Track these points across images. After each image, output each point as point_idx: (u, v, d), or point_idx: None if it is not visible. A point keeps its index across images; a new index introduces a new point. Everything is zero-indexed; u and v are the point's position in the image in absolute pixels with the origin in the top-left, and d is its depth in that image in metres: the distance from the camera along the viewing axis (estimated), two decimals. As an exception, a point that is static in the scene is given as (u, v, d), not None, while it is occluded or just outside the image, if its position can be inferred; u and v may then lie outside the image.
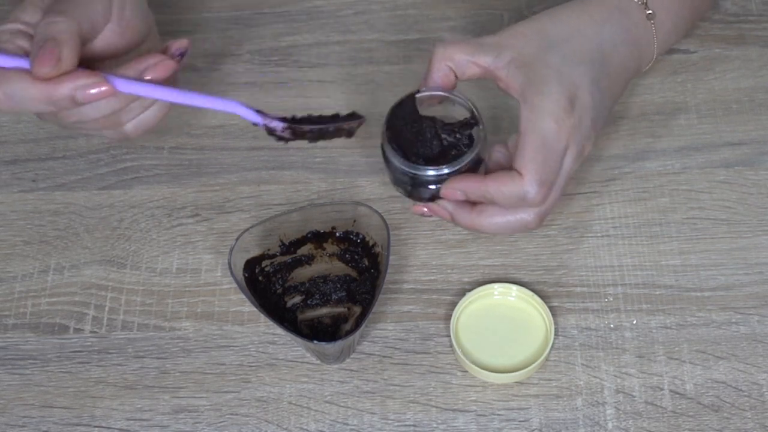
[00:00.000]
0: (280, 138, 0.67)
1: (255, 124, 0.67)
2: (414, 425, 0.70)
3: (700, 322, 0.74)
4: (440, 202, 0.74)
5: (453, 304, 0.74)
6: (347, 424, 0.70)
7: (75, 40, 0.63)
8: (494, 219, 0.72)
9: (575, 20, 0.74)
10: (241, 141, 0.85)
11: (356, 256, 0.74)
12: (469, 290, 0.74)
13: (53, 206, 0.82)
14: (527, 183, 0.69)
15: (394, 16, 0.92)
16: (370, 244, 0.73)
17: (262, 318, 0.75)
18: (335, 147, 0.83)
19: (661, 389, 0.71)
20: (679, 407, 0.70)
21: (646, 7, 0.76)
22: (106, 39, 0.68)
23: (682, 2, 0.79)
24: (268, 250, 0.73)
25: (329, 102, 0.86)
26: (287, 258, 0.74)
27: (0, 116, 0.87)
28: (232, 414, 0.71)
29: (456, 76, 0.74)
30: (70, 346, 0.75)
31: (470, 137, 0.74)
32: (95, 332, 0.75)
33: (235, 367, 0.73)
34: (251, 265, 0.72)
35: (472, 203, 0.73)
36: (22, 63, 0.63)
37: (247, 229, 0.72)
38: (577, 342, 0.73)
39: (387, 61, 0.89)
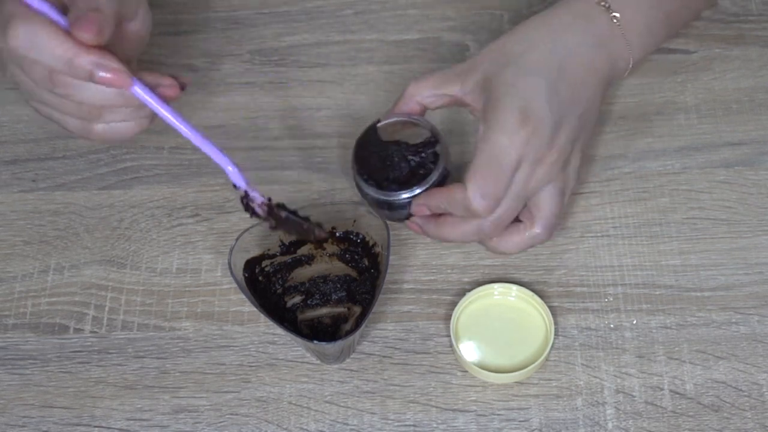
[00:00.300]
0: (253, 212, 0.69)
1: (236, 187, 0.69)
2: (414, 425, 0.70)
3: (700, 322, 0.74)
4: (412, 218, 0.76)
5: (453, 304, 0.74)
6: (347, 424, 0.70)
7: (114, 19, 0.64)
8: (453, 228, 0.73)
9: (532, 33, 0.75)
10: (241, 141, 0.85)
11: (356, 256, 0.74)
12: (469, 290, 0.74)
13: (53, 206, 0.82)
14: (470, 194, 0.70)
15: (394, 16, 0.92)
16: (370, 244, 0.73)
17: (262, 318, 0.75)
18: (335, 147, 0.83)
19: (661, 389, 0.71)
20: (679, 407, 0.70)
21: (610, 10, 0.75)
22: (126, 30, 0.68)
23: (652, 3, 0.78)
24: (268, 250, 0.73)
25: (329, 102, 0.86)
26: (287, 258, 0.74)
27: (0, 116, 0.87)
28: (232, 414, 0.71)
29: (426, 109, 0.77)
30: (70, 346, 0.75)
31: (434, 154, 0.75)
32: (95, 332, 0.75)
33: (235, 367, 0.73)
34: (251, 265, 0.72)
35: (438, 215, 0.74)
36: (53, 14, 0.62)
37: (247, 229, 0.72)
38: (577, 342, 0.73)
39: (387, 61, 0.89)
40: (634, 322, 0.74)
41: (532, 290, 0.74)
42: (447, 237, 0.74)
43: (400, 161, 0.75)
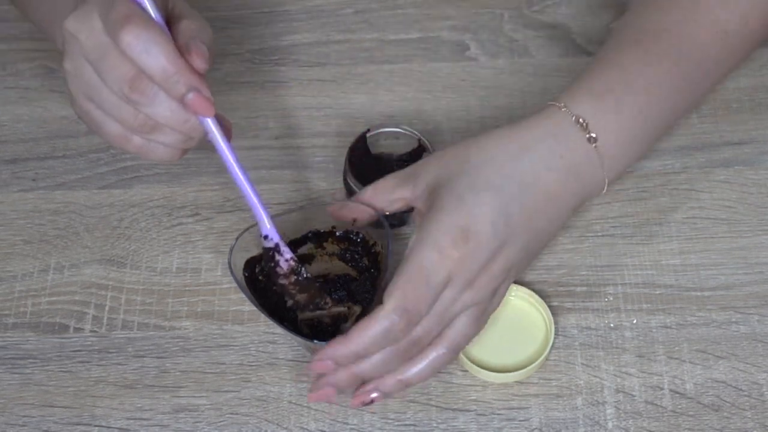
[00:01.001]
0: (276, 265, 0.71)
1: (266, 238, 0.71)
2: (414, 424, 0.70)
3: (700, 322, 0.74)
4: (319, 382, 0.69)
5: (453, 304, 0.74)
6: (347, 424, 0.70)
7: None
8: (372, 357, 0.67)
9: (494, 146, 0.70)
10: (241, 140, 0.84)
11: (356, 256, 0.74)
12: (469, 290, 0.74)
13: (53, 205, 0.82)
14: (388, 312, 0.65)
15: (395, 15, 0.92)
16: (370, 243, 0.73)
17: (262, 317, 0.75)
18: (335, 147, 0.83)
19: (661, 389, 0.71)
20: (679, 407, 0.70)
21: (587, 130, 0.71)
22: None
23: (637, 118, 0.72)
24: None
25: (329, 101, 0.86)
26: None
27: (0, 115, 0.87)
28: (232, 413, 0.71)
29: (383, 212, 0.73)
30: (70, 345, 0.75)
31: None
32: (95, 331, 0.75)
33: (236, 366, 0.73)
34: (251, 264, 0.72)
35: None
36: (163, 24, 0.64)
37: (247, 229, 0.72)
38: (577, 341, 0.73)
39: (387, 61, 0.89)
40: (634, 321, 0.74)
41: (532, 290, 0.74)
42: (362, 374, 0.68)
43: (391, 171, 0.73)
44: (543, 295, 0.74)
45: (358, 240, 0.73)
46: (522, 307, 0.74)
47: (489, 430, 0.70)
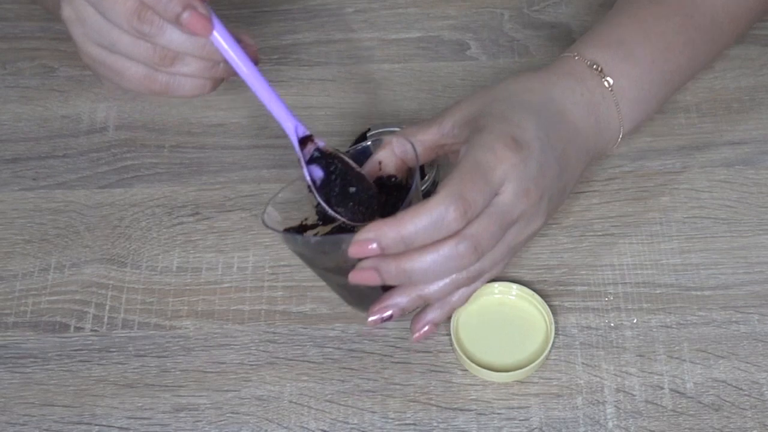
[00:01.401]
0: (317, 149, 0.67)
1: (305, 139, 0.68)
2: (414, 424, 0.70)
3: (701, 321, 0.74)
4: (361, 263, 0.65)
5: (453, 303, 0.74)
6: (347, 423, 0.71)
7: None
8: (424, 257, 0.63)
9: (522, 81, 0.71)
10: (241, 139, 0.85)
11: (393, 200, 0.70)
12: (470, 289, 0.74)
13: (54, 205, 0.82)
14: (442, 197, 0.62)
15: (395, 15, 0.92)
16: (403, 183, 0.70)
17: (263, 316, 0.75)
18: (336, 146, 0.83)
19: (662, 388, 0.71)
20: (680, 406, 0.70)
21: (602, 74, 0.72)
22: None
23: (650, 68, 0.74)
24: (306, 219, 0.69)
25: (330, 101, 0.86)
26: (329, 227, 0.70)
27: (0, 115, 0.87)
28: (232, 413, 0.71)
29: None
30: (70, 344, 0.75)
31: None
32: (96, 331, 0.75)
33: (236, 365, 0.73)
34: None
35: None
36: None
37: (276, 195, 0.70)
38: (577, 341, 0.73)
39: (388, 60, 0.89)
40: (635, 321, 0.74)
41: (533, 289, 0.74)
42: (417, 273, 0.64)
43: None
44: (543, 294, 0.74)
45: (393, 183, 0.71)
46: (522, 307, 0.74)
47: (489, 429, 0.70)
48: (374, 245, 0.62)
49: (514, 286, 0.74)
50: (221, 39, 0.63)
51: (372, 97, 0.87)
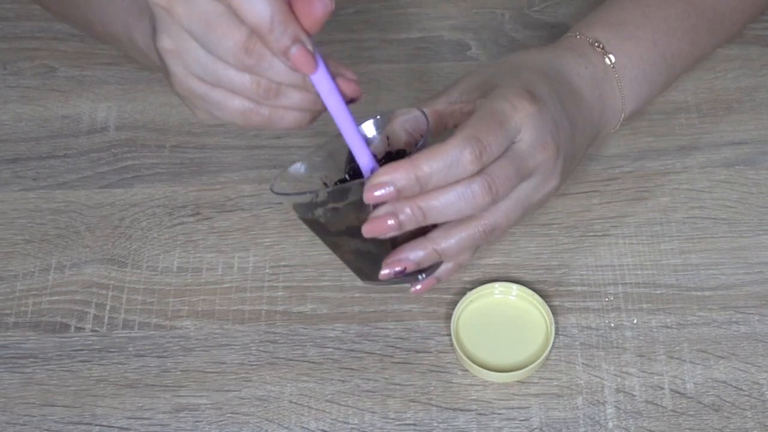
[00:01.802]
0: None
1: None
2: (414, 424, 0.70)
3: (701, 322, 0.74)
4: (375, 211, 0.64)
5: (453, 303, 0.74)
6: (348, 423, 0.71)
7: None
8: (439, 195, 0.63)
9: (527, 54, 0.72)
10: (242, 140, 0.85)
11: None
12: (470, 289, 0.74)
13: (54, 205, 0.82)
14: (458, 139, 0.61)
15: (395, 15, 0.92)
16: (409, 151, 0.70)
17: (263, 317, 0.75)
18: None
19: (662, 388, 0.71)
20: (680, 406, 0.70)
21: (604, 52, 0.72)
22: None
23: (652, 49, 0.74)
24: (316, 196, 0.68)
25: (330, 101, 0.86)
26: (339, 204, 0.67)
27: (1, 115, 0.87)
28: (232, 413, 0.71)
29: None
30: (71, 344, 0.75)
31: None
32: (96, 331, 0.75)
33: (236, 365, 0.73)
34: (301, 210, 0.68)
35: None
36: None
37: (286, 169, 0.69)
38: (577, 341, 0.73)
39: (388, 60, 0.89)
40: (635, 321, 0.74)
41: (533, 289, 0.74)
42: (434, 209, 0.63)
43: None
44: (543, 295, 0.74)
45: (400, 154, 0.70)
46: (522, 307, 0.74)
47: (489, 429, 0.70)
48: (390, 188, 0.61)
49: (515, 286, 0.74)
50: (321, 78, 0.61)
51: (372, 98, 0.86)
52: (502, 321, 0.74)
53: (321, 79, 0.61)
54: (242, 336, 0.75)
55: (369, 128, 0.70)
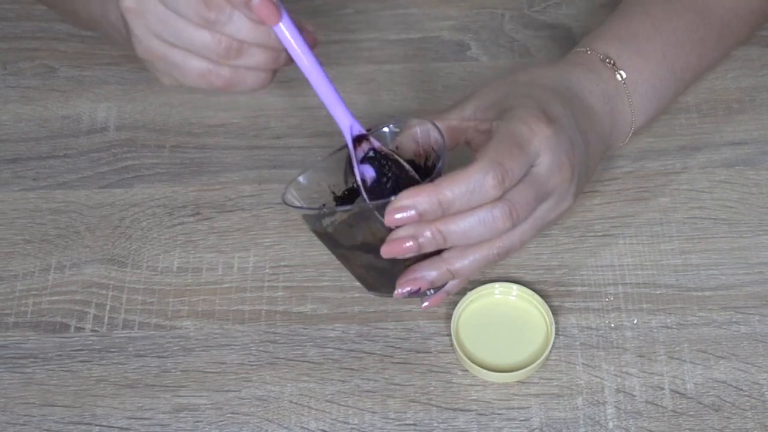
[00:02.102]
0: (372, 148, 0.66)
1: (359, 138, 0.67)
2: (414, 424, 0.70)
3: (701, 322, 0.74)
4: (394, 233, 0.64)
5: (454, 304, 0.74)
6: (348, 423, 0.71)
7: None
8: (461, 220, 0.63)
9: (537, 71, 0.72)
10: (242, 140, 0.85)
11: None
12: (470, 289, 0.74)
13: (54, 205, 0.82)
14: (481, 164, 0.62)
15: (395, 15, 0.92)
16: (424, 164, 0.69)
17: (263, 317, 0.75)
18: (336, 146, 0.83)
19: (662, 389, 0.71)
20: (680, 407, 0.70)
21: (615, 68, 0.72)
22: None
23: (661, 64, 0.75)
24: (324, 205, 0.68)
25: (330, 101, 0.86)
26: (346, 215, 0.68)
27: (1, 115, 0.87)
28: (232, 413, 0.71)
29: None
30: (71, 344, 0.75)
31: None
32: (96, 331, 0.75)
33: (236, 365, 0.73)
34: (309, 222, 0.68)
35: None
36: None
37: (296, 177, 0.69)
38: (577, 341, 0.73)
39: (388, 60, 0.89)
40: (635, 321, 0.74)
41: (533, 290, 0.74)
42: (454, 233, 0.63)
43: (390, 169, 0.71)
44: (543, 295, 0.74)
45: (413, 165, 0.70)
46: (522, 307, 0.74)
47: (489, 430, 0.70)
48: (412, 212, 0.61)
49: (515, 286, 0.74)
50: (285, 29, 0.61)
51: (372, 98, 0.87)
52: (502, 321, 0.74)
53: (286, 30, 0.61)
54: (242, 336, 0.75)
55: (382, 136, 0.70)
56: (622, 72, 0.72)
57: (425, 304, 0.70)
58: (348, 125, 0.67)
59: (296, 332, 0.74)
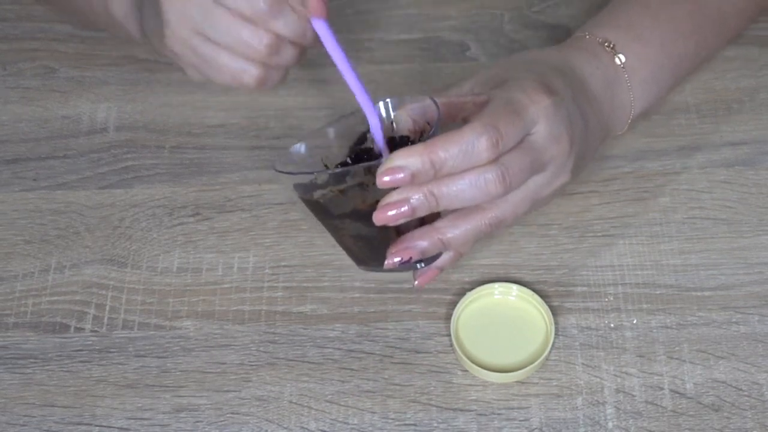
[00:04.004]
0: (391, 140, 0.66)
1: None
2: (414, 424, 0.70)
3: (701, 322, 0.74)
4: (386, 198, 0.63)
5: (453, 304, 0.74)
6: (347, 423, 0.71)
7: None
8: (453, 182, 0.62)
9: (538, 52, 0.72)
10: (242, 140, 0.85)
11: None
12: (470, 290, 0.74)
13: (54, 205, 0.82)
14: (475, 125, 0.61)
15: (395, 16, 0.92)
16: (419, 139, 0.68)
17: (263, 317, 0.75)
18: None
19: (662, 389, 0.71)
20: (680, 407, 0.70)
21: (614, 51, 0.72)
22: None
23: (660, 50, 0.75)
24: (315, 177, 0.67)
25: (330, 101, 0.86)
26: (342, 186, 0.67)
27: (1, 115, 0.87)
28: (232, 413, 0.71)
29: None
30: (70, 345, 0.75)
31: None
32: (96, 331, 0.75)
33: (236, 366, 0.73)
34: (301, 190, 0.68)
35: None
36: None
37: (290, 148, 0.69)
38: (577, 341, 0.73)
39: (388, 61, 0.89)
40: (635, 321, 0.74)
41: (533, 290, 0.74)
42: (446, 196, 0.62)
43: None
44: (543, 295, 0.74)
45: (407, 141, 0.69)
46: (522, 307, 0.74)
47: (489, 430, 0.70)
48: (405, 173, 0.61)
49: (514, 286, 0.74)
50: (324, 25, 0.62)
51: (372, 98, 0.86)
52: (502, 321, 0.74)
53: (324, 27, 0.62)
54: (242, 336, 0.75)
55: (379, 111, 0.70)
56: (621, 56, 0.72)
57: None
58: (377, 123, 0.66)
59: (296, 332, 0.74)
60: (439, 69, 0.89)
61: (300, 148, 0.71)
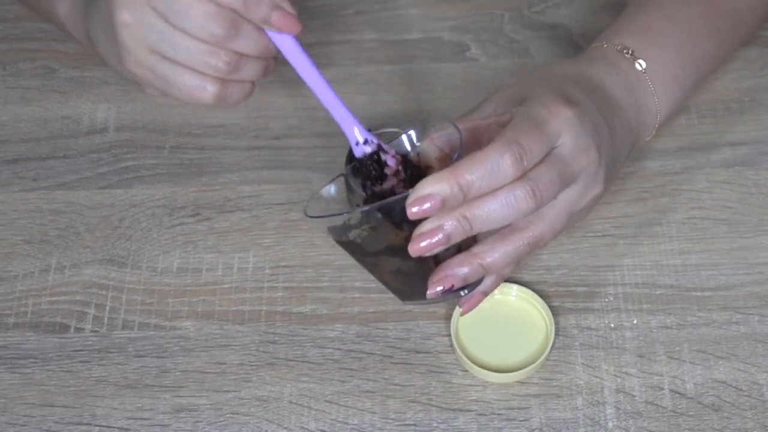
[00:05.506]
0: (383, 163, 0.66)
1: (365, 142, 0.67)
2: (414, 425, 0.70)
3: (701, 322, 0.74)
4: (419, 228, 0.63)
5: (454, 304, 0.74)
6: (347, 424, 0.71)
7: None
8: (483, 203, 0.62)
9: (556, 66, 0.72)
10: (241, 140, 0.85)
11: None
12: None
13: (54, 205, 0.82)
14: (497, 144, 0.61)
15: (396, 16, 0.92)
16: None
17: (263, 317, 0.75)
18: (336, 147, 0.83)
19: (662, 389, 0.71)
20: (680, 407, 0.70)
21: (634, 57, 0.72)
22: None
23: (678, 53, 0.75)
24: (348, 220, 0.67)
25: (330, 101, 0.86)
26: (375, 224, 0.66)
27: (1, 116, 0.87)
28: (232, 413, 0.71)
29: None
30: (70, 345, 0.75)
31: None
32: (96, 331, 0.75)
33: (236, 366, 0.73)
34: (335, 233, 0.67)
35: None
36: None
37: (318, 191, 0.69)
38: (577, 342, 0.73)
39: (388, 61, 0.89)
40: (635, 321, 0.74)
41: (533, 290, 0.74)
42: (478, 218, 0.62)
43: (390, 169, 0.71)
44: (543, 295, 0.74)
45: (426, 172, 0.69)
46: (522, 307, 0.74)
47: (489, 430, 0.70)
48: (435, 200, 0.60)
49: (515, 286, 0.74)
50: (291, 41, 0.62)
51: (372, 99, 0.87)
52: (502, 321, 0.74)
53: (293, 41, 0.62)
54: (242, 336, 0.75)
55: (402, 144, 0.70)
56: (641, 61, 0.72)
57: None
58: (357, 134, 0.67)
59: (296, 332, 0.74)
60: (439, 69, 0.89)
61: (330, 189, 0.70)
